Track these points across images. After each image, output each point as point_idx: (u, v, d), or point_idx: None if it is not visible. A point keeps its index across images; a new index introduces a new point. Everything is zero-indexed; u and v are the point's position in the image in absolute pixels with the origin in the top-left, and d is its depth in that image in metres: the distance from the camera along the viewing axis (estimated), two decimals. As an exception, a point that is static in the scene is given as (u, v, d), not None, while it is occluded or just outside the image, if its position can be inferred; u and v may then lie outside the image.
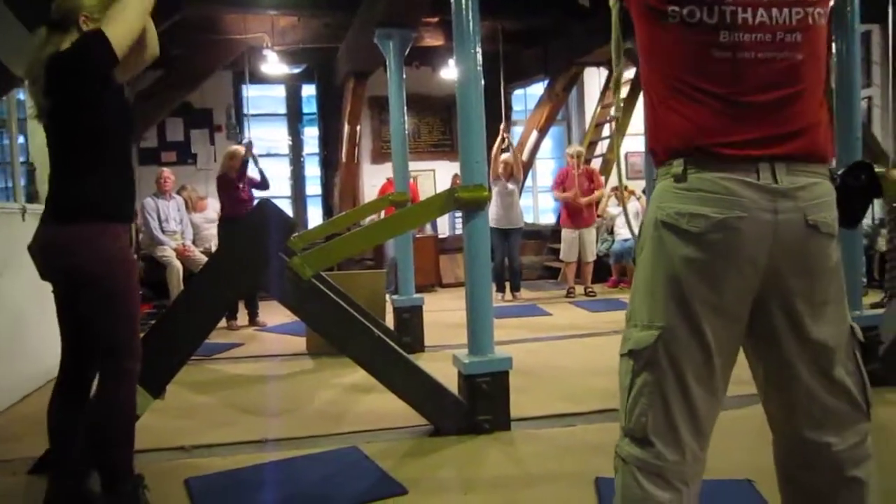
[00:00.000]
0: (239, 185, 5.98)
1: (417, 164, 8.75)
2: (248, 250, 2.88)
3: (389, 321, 5.19)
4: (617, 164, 1.89)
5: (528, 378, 3.88)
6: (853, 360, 1.39)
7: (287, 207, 9.61)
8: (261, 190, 6.32)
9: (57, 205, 2.16)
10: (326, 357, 4.58)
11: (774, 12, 1.32)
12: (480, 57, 3.16)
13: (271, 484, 2.59)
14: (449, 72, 8.51)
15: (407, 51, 5.22)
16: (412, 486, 2.51)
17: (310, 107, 10.07)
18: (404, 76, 5.18)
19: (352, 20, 7.16)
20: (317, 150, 10.06)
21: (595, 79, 9.96)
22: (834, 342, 1.37)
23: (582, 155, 7.89)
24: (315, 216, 10.00)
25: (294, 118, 10.05)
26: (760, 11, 1.32)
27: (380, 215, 5.89)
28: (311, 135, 10.09)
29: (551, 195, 10.78)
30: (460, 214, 3.29)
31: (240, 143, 6.59)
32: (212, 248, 6.72)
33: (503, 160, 7.31)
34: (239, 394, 4.02)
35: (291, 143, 10.01)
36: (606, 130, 9.42)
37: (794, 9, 1.34)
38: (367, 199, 8.70)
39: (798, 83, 1.34)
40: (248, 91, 8.85)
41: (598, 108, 9.51)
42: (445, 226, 9.63)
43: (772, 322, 1.37)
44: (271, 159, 9.98)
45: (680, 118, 1.35)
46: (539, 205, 10.98)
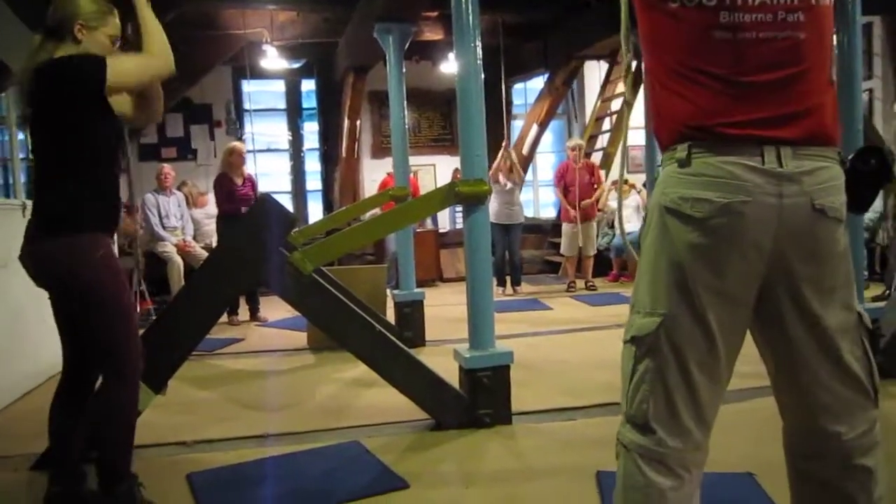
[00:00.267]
0: (237, 183, 5.93)
1: (418, 159, 8.73)
2: (249, 246, 2.87)
3: (391, 316, 5.18)
4: (623, 153, 1.87)
5: (529, 372, 3.88)
6: (861, 346, 1.39)
7: (287, 202, 9.61)
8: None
9: (38, 216, 2.16)
10: (327, 352, 4.58)
11: None
12: (480, 51, 3.15)
13: (273, 479, 2.60)
14: (449, 66, 8.50)
15: (407, 45, 5.20)
16: (413, 480, 2.51)
17: (309, 102, 10.06)
18: (404, 70, 5.16)
19: (351, 15, 7.15)
20: (317, 146, 10.06)
21: (595, 72, 9.93)
22: (842, 328, 1.36)
23: (582, 148, 7.87)
24: (315, 211, 10.00)
25: (294, 113, 10.04)
26: None
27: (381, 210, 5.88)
28: (311, 130, 10.08)
29: (553, 190, 10.81)
30: (461, 209, 3.29)
31: (239, 139, 6.56)
32: (212, 244, 6.72)
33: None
34: (240, 389, 4.03)
35: (291, 139, 10.00)
36: (607, 124, 9.40)
37: None
38: (368, 194, 8.70)
39: (801, 63, 1.32)
40: (248, 86, 8.84)
41: (599, 102, 9.49)
42: (446, 220, 9.63)
43: (779, 308, 1.36)
44: (271, 154, 9.98)
45: (683, 101, 1.34)
46: (539, 199, 10.97)
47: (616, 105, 9.08)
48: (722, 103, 1.30)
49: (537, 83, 10.08)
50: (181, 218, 6.67)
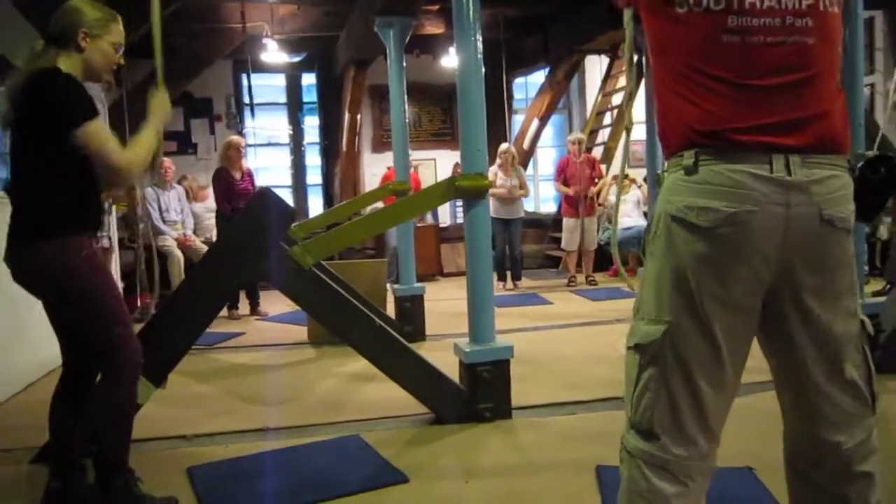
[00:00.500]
0: (236, 178, 5.90)
1: (418, 153, 8.73)
2: (249, 240, 2.87)
3: (391, 310, 5.19)
4: (626, 148, 1.88)
5: (530, 366, 3.88)
6: (862, 354, 1.39)
7: (288, 197, 9.60)
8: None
9: (16, 223, 2.13)
10: (328, 346, 4.59)
11: None
12: (481, 45, 3.14)
13: (273, 472, 2.60)
14: (449, 60, 8.48)
15: (407, 39, 5.19)
16: (413, 474, 2.52)
17: (310, 96, 10.04)
18: (405, 64, 5.15)
19: (352, 8, 7.13)
20: (317, 140, 10.04)
21: (596, 66, 9.91)
22: (845, 337, 1.36)
23: (583, 142, 7.86)
24: (316, 205, 10.00)
25: (294, 107, 10.02)
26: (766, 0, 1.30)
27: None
28: (312, 124, 10.07)
29: (553, 185, 10.80)
30: (461, 203, 3.28)
31: (239, 133, 6.54)
32: (213, 238, 6.71)
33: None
34: (240, 383, 4.03)
35: (292, 133, 9.99)
36: (608, 118, 9.39)
37: None
38: (368, 189, 8.68)
39: (809, 67, 1.31)
40: (249, 80, 8.82)
41: (600, 97, 9.47)
42: (446, 215, 9.62)
43: (783, 316, 1.35)
44: (272, 149, 9.97)
45: (690, 105, 1.33)
46: (540, 194, 10.96)
47: (617, 99, 9.06)
48: (730, 107, 1.29)
49: (538, 77, 10.06)
50: (181, 212, 6.67)
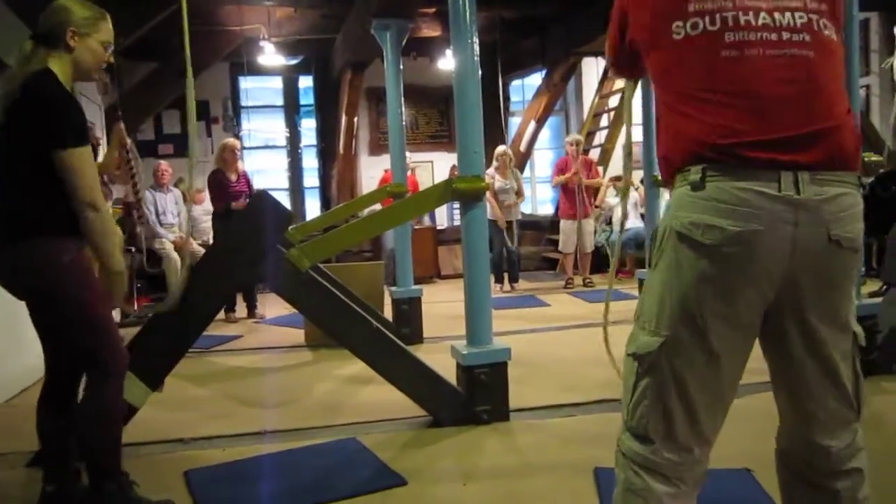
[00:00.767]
0: (231, 179, 5.90)
1: (415, 156, 8.73)
2: (246, 242, 2.87)
3: (388, 313, 5.18)
4: (627, 152, 1.91)
5: (527, 369, 3.88)
6: (852, 364, 1.41)
7: (284, 199, 9.60)
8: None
9: (4, 221, 2.10)
10: (325, 349, 4.58)
11: (777, 16, 1.33)
12: (478, 47, 3.14)
13: (270, 475, 2.59)
14: (446, 62, 8.49)
15: (404, 42, 5.19)
16: (411, 477, 2.51)
17: (307, 98, 10.05)
18: (401, 67, 5.15)
19: (349, 11, 7.14)
20: (314, 142, 10.05)
21: (593, 69, 9.92)
22: (842, 350, 1.38)
23: (581, 143, 7.86)
24: (313, 208, 10.00)
25: (291, 110, 10.03)
26: (763, 14, 1.32)
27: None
28: (309, 126, 10.08)
29: (550, 185, 10.79)
30: (458, 205, 3.28)
31: (236, 136, 6.53)
32: (210, 241, 6.71)
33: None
34: (237, 386, 4.02)
35: (289, 135, 9.99)
36: (605, 120, 9.40)
37: (797, 13, 1.34)
38: (365, 191, 8.69)
39: (813, 79, 1.31)
40: (246, 83, 8.82)
41: (596, 99, 9.49)
42: (444, 217, 9.63)
43: (784, 331, 1.37)
44: (269, 151, 9.97)
45: (695, 121, 1.32)
46: (537, 195, 10.97)
47: (614, 101, 9.07)
48: (738, 119, 1.28)
49: (535, 80, 10.08)
50: (178, 215, 6.67)
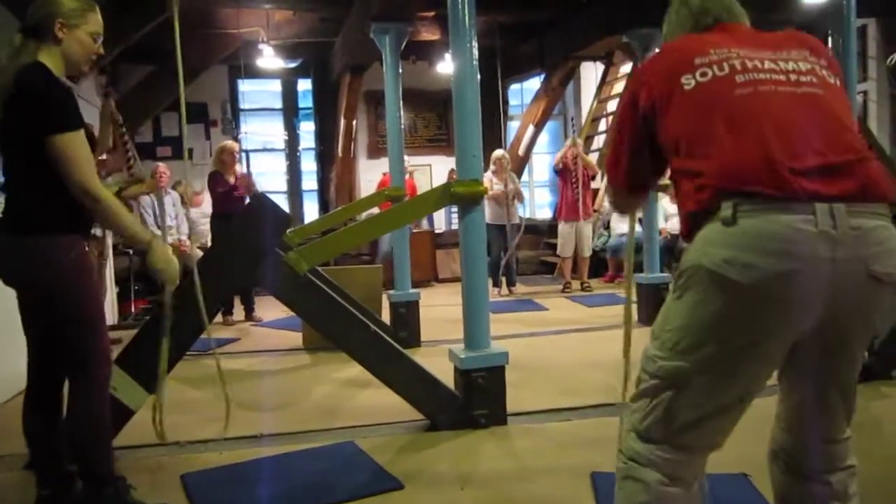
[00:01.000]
0: (230, 182, 5.93)
1: (414, 159, 8.72)
2: (244, 245, 2.87)
3: (386, 316, 5.18)
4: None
5: (525, 373, 3.88)
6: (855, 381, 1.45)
7: (283, 202, 9.60)
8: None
9: (9, 215, 2.11)
10: (323, 352, 4.58)
11: (781, 63, 1.37)
12: (476, 51, 3.15)
13: (267, 479, 2.59)
14: (445, 66, 8.49)
15: (403, 45, 5.20)
16: (408, 481, 2.51)
17: (306, 101, 10.04)
18: (400, 71, 5.16)
19: (348, 14, 7.14)
20: (313, 145, 10.04)
21: (591, 73, 9.94)
22: (855, 372, 1.41)
23: (580, 146, 7.86)
24: (311, 211, 9.99)
25: (290, 113, 10.03)
26: (767, 63, 1.36)
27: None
28: (307, 129, 10.07)
29: (548, 189, 10.81)
30: (456, 209, 3.28)
31: (234, 139, 6.55)
32: (208, 244, 6.70)
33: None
34: (235, 389, 3.97)
35: (287, 138, 9.99)
36: (603, 125, 9.41)
37: (801, 63, 1.38)
38: (364, 194, 8.68)
39: (831, 113, 1.33)
40: (244, 86, 8.81)
41: (595, 103, 9.50)
42: (442, 221, 9.63)
43: (809, 361, 1.38)
44: (267, 154, 9.97)
45: (720, 159, 1.30)
46: (535, 200, 10.98)
47: (612, 106, 9.08)
48: (765, 149, 1.26)
49: (533, 84, 10.09)
50: (175, 217, 6.66)
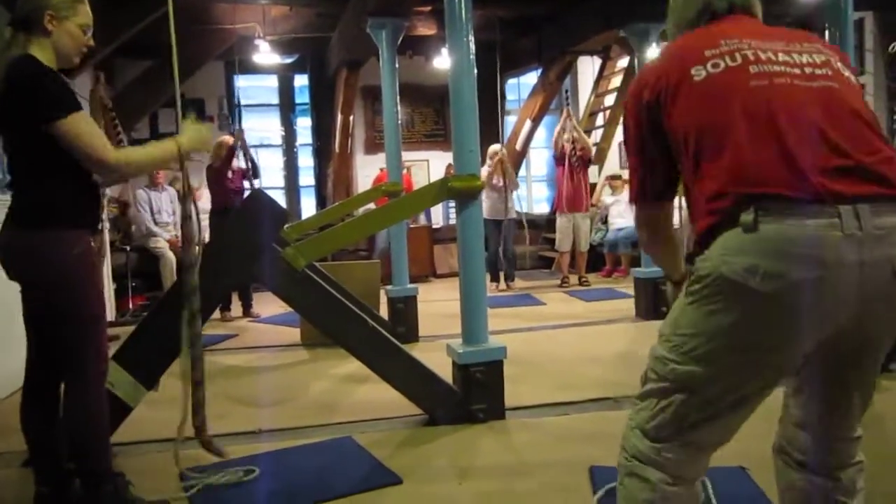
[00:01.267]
0: (228, 176, 5.95)
1: (411, 154, 8.72)
2: (241, 241, 2.86)
3: (384, 312, 5.18)
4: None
5: (523, 367, 3.88)
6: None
7: (280, 198, 9.58)
8: (253, 180, 6.27)
9: (16, 208, 2.11)
10: (321, 348, 4.58)
11: (795, 56, 1.31)
12: (473, 46, 3.14)
13: (266, 474, 2.59)
14: (442, 61, 8.47)
15: (400, 40, 5.20)
16: (407, 476, 2.52)
17: (302, 97, 10.02)
18: (397, 66, 5.16)
19: (344, 9, 7.12)
20: (310, 141, 10.03)
21: (589, 67, 9.92)
22: (877, 373, 1.39)
23: (577, 142, 7.86)
24: (308, 207, 9.99)
25: (287, 108, 10.01)
26: (780, 54, 1.31)
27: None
28: (304, 125, 10.05)
29: (545, 185, 10.80)
30: (454, 204, 3.28)
31: (232, 134, 6.56)
32: (205, 240, 6.69)
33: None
34: (233, 385, 4.02)
35: (284, 134, 9.97)
36: (600, 119, 9.40)
37: (815, 54, 1.33)
38: (361, 190, 8.68)
39: (846, 106, 1.28)
40: (241, 81, 8.79)
41: (592, 97, 9.49)
42: (439, 216, 9.62)
43: (833, 367, 1.35)
44: (264, 150, 9.94)
45: (737, 159, 1.23)
46: (533, 194, 10.97)
47: (610, 100, 9.07)
48: (783, 148, 1.21)
49: (530, 78, 10.08)
50: (173, 214, 6.66)
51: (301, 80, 9.96)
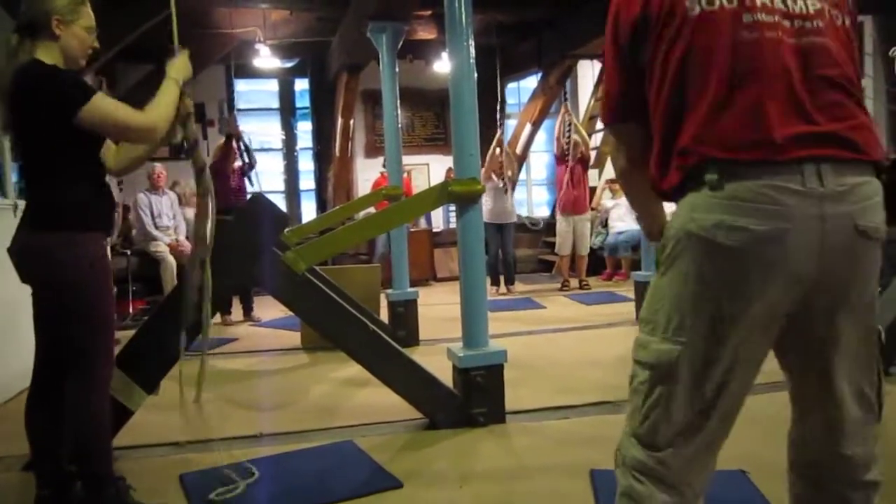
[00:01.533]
0: (227, 174, 5.98)
1: (411, 158, 8.73)
2: (242, 245, 2.87)
3: (384, 315, 5.18)
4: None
5: (523, 371, 3.88)
6: (876, 366, 1.37)
7: (280, 202, 9.59)
8: (249, 170, 6.26)
9: (31, 211, 2.13)
10: (321, 351, 4.58)
11: (790, 3, 1.29)
12: (473, 50, 3.15)
13: (266, 478, 2.59)
14: (442, 65, 8.49)
15: (400, 44, 5.20)
16: (407, 480, 2.51)
17: (303, 101, 10.04)
18: (397, 70, 5.16)
19: (344, 13, 7.14)
20: (310, 145, 10.04)
21: (589, 71, 9.93)
22: (866, 350, 1.34)
23: (578, 145, 7.87)
24: (309, 211, 10.00)
25: (287, 112, 10.03)
26: (777, 1, 1.28)
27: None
28: (305, 129, 10.07)
29: (545, 189, 10.81)
30: (454, 208, 3.29)
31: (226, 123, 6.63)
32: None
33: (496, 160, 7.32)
34: (234, 389, 4.01)
35: (284, 138, 9.99)
36: (600, 123, 9.41)
37: (809, 3, 1.30)
38: (361, 193, 8.69)
39: (826, 64, 1.27)
40: (241, 85, 8.81)
41: (592, 101, 9.50)
42: (440, 219, 9.63)
43: (811, 335, 1.32)
44: (265, 154, 9.95)
45: (710, 122, 1.24)
46: (533, 198, 10.98)
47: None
48: (757, 118, 1.22)
49: (531, 82, 10.09)
50: (174, 217, 6.66)
51: (301, 84, 9.98)
